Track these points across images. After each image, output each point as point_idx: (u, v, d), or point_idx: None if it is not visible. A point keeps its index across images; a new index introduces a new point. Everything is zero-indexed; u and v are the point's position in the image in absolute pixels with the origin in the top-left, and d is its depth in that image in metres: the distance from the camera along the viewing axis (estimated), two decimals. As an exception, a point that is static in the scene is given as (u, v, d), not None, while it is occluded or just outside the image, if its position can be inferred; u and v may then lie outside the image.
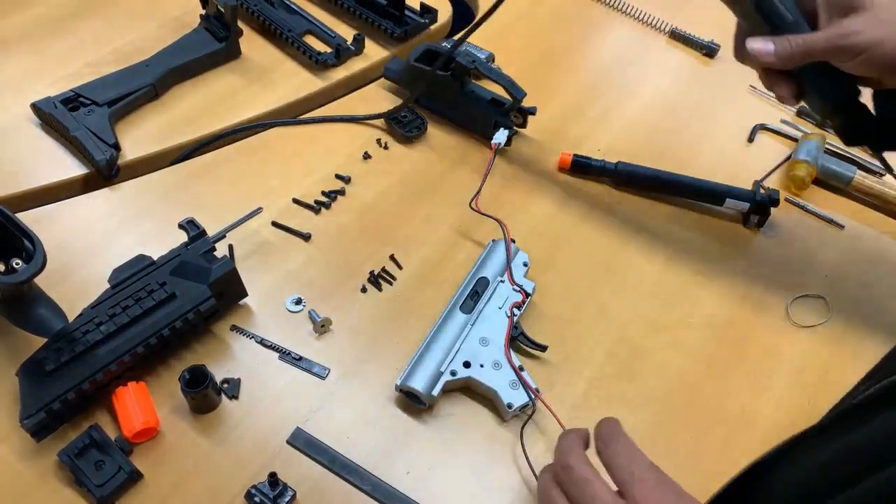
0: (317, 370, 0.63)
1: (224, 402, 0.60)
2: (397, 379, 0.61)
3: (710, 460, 0.61)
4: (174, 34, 0.90)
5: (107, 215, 0.73)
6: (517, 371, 0.62)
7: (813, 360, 0.69)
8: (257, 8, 0.94)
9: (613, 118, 0.92)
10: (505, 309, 0.66)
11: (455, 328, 0.64)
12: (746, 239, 0.80)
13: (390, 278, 0.71)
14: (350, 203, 0.77)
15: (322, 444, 0.58)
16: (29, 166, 0.76)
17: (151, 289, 0.60)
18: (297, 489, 0.55)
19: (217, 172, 0.78)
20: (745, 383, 0.67)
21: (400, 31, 0.95)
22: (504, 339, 0.64)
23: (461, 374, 0.61)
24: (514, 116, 0.84)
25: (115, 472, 0.53)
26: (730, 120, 0.95)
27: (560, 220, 0.79)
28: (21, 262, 0.54)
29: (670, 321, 0.71)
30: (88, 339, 0.57)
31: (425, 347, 0.63)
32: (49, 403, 0.54)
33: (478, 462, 0.59)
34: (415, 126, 0.84)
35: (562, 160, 0.83)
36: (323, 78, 0.91)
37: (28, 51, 0.88)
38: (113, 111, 0.79)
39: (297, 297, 0.68)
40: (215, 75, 0.89)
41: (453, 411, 0.62)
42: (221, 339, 0.64)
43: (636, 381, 0.66)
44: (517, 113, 0.83)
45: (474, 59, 0.81)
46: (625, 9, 1.09)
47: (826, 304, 0.74)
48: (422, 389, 0.59)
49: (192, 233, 0.64)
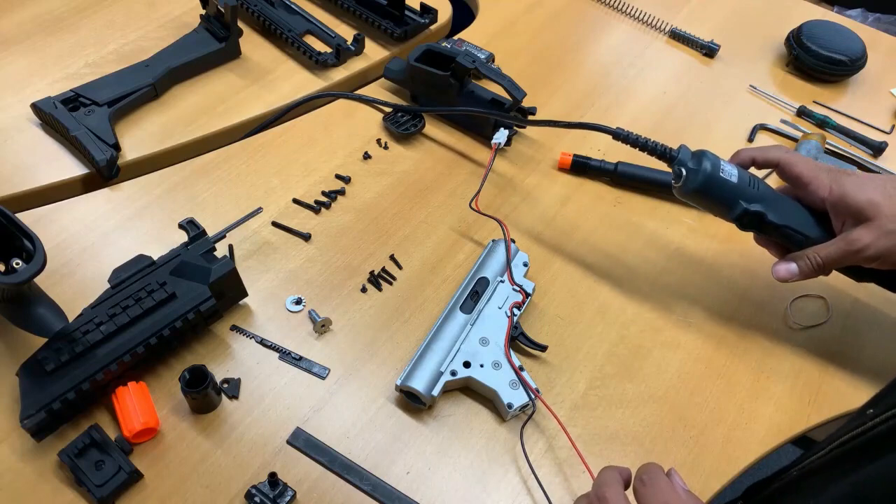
0: (317, 370, 0.63)
1: (224, 402, 0.60)
2: (397, 379, 0.61)
3: (710, 460, 0.61)
4: (174, 34, 0.90)
5: (107, 215, 0.73)
6: (517, 371, 0.62)
7: (812, 360, 0.69)
8: (257, 8, 0.94)
9: (613, 118, 0.92)
10: (505, 309, 0.66)
11: (455, 328, 0.64)
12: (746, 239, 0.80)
13: (390, 278, 0.71)
14: (350, 203, 0.77)
15: (322, 444, 0.58)
16: (29, 166, 0.76)
17: (151, 289, 0.60)
18: (297, 489, 0.55)
19: (217, 172, 0.78)
20: (745, 383, 0.67)
21: (400, 31, 0.95)
22: (504, 339, 0.64)
23: (461, 373, 0.61)
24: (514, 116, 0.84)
25: (115, 472, 0.53)
26: (730, 120, 0.95)
27: (560, 219, 0.79)
28: (21, 262, 0.54)
29: (670, 321, 0.71)
30: (88, 339, 0.57)
31: (425, 347, 0.63)
32: (49, 403, 0.54)
33: (478, 462, 0.59)
34: (412, 124, 0.84)
35: (562, 160, 0.83)
36: (323, 78, 0.91)
37: (28, 51, 0.88)
38: (113, 111, 0.79)
39: (297, 297, 0.68)
40: (215, 75, 0.89)
41: (453, 411, 0.62)
42: (221, 339, 0.64)
43: (636, 381, 0.66)
44: (517, 113, 0.83)
45: (474, 59, 0.81)
46: (625, 9, 1.09)
47: (826, 304, 0.74)
48: (422, 389, 0.59)
49: (192, 233, 0.64)
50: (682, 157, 0.63)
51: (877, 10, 1.98)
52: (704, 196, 0.62)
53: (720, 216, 0.64)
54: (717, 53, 1.03)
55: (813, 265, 0.62)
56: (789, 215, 0.63)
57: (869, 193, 0.60)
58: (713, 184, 0.61)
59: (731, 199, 0.62)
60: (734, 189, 0.62)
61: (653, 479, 0.49)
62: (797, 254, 0.64)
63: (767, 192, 0.63)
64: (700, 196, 0.63)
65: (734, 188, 0.61)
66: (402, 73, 0.87)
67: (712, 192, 0.62)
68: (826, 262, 0.62)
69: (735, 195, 0.62)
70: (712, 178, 0.61)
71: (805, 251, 0.63)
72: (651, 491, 0.48)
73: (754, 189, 0.62)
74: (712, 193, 0.62)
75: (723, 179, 0.61)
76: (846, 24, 1.06)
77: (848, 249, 0.60)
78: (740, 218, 0.63)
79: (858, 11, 1.98)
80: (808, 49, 0.99)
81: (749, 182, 0.62)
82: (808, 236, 0.63)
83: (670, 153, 0.64)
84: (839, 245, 0.61)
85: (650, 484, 0.48)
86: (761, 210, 0.62)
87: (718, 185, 0.61)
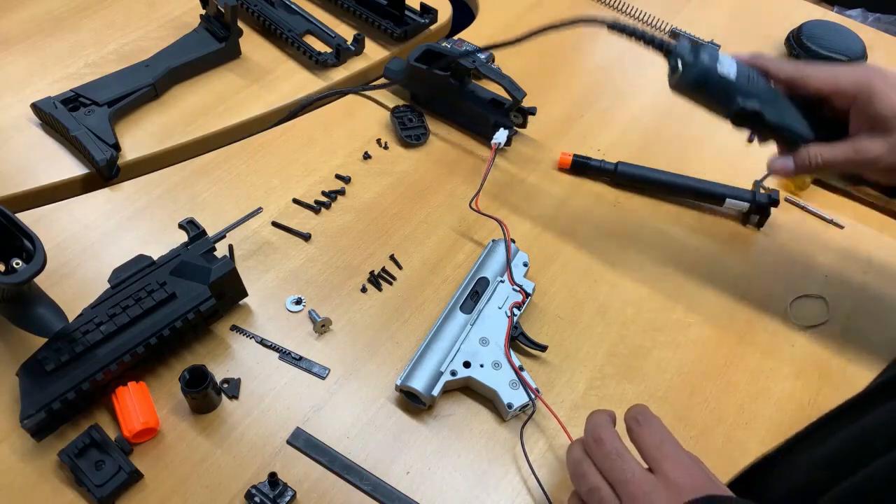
0: (317, 370, 0.63)
1: (224, 402, 0.60)
2: (397, 379, 0.61)
3: (710, 460, 0.61)
4: (174, 34, 0.90)
5: (107, 215, 0.73)
6: (517, 371, 0.62)
7: (813, 360, 0.69)
8: (257, 8, 0.94)
9: (613, 118, 0.92)
10: (505, 309, 0.66)
11: (455, 328, 0.64)
12: (746, 239, 0.80)
13: (390, 278, 0.71)
14: (350, 203, 0.77)
15: (322, 444, 0.58)
16: (29, 166, 0.76)
17: (151, 289, 0.60)
18: (297, 489, 0.55)
19: (217, 172, 0.78)
20: (745, 383, 0.67)
21: (400, 31, 0.95)
22: (504, 339, 0.64)
23: (461, 373, 0.61)
24: (514, 116, 0.84)
25: (115, 472, 0.53)
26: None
27: (560, 219, 0.79)
28: (21, 262, 0.54)
29: (670, 321, 0.71)
30: (88, 339, 0.57)
31: (425, 347, 0.63)
32: (49, 403, 0.54)
33: (478, 462, 0.59)
34: (416, 135, 0.84)
35: (562, 160, 0.83)
36: (323, 78, 0.91)
37: (28, 51, 0.88)
38: (113, 111, 0.79)
39: (297, 297, 0.68)
40: (215, 75, 0.89)
41: (453, 411, 0.62)
42: (221, 339, 0.64)
43: (636, 381, 0.66)
44: (517, 113, 0.83)
45: (474, 59, 0.81)
46: (625, 9, 1.09)
47: (826, 304, 0.74)
48: (422, 389, 0.59)
49: (192, 233, 0.64)
50: (679, 50, 0.60)
51: (877, 10, 1.98)
52: (699, 91, 0.60)
53: (715, 112, 0.61)
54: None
55: (812, 164, 0.58)
56: (789, 115, 0.61)
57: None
58: (708, 78, 0.59)
59: (726, 96, 0.59)
60: (730, 85, 0.59)
61: (647, 419, 0.51)
62: (798, 150, 0.60)
63: (766, 89, 0.61)
64: (694, 91, 0.60)
65: (730, 84, 0.59)
66: (402, 73, 0.88)
67: (707, 88, 0.59)
68: (827, 163, 0.58)
69: (732, 91, 0.59)
70: (708, 72, 0.58)
71: (808, 147, 0.59)
72: (648, 431, 0.50)
73: (753, 85, 0.60)
74: (707, 89, 0.59)
75: (719, 75, 0.59)
76: (846, 24, 1.06)
77: (855, 158, 0.56)
78: (737, 116, 0.60)
79: (858, 11, 1.98)
80: (808, 49, 0.99)
81: (748, 78, 0.60)
82: (805, 138, 0.60)
83: (668, 46, 0.61)
84: (846, 151, 0.57)
85: (645, 424, 0.50)
86: (758, 108, 0.59)
87: (714, 81, 0.59)
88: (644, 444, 0.49)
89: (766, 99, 0.60)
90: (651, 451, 0.48)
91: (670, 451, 0.48)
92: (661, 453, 0.48)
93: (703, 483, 0.47)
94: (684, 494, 0.45)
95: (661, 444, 0.49)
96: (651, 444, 0.49)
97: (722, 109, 0.61)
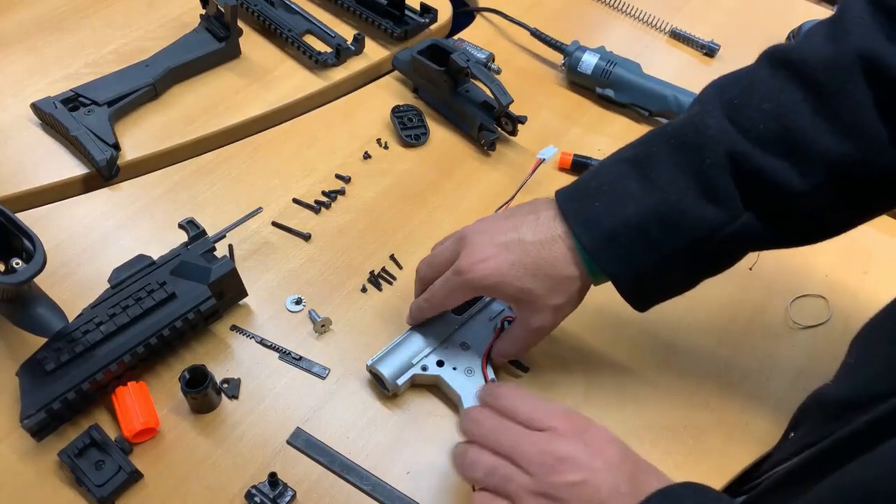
0: (317, 370, 0.63)
1: (224, 402, 0.60)
2: (368, 359, 0.61)
3: (710, 460, 0.61)
4: (174, 34, 0.90)
5: (107, 215, 0.73)
6: (487, 381, 0.61)
7: (813, 360, 0.69)
8: (257, 8, 0.94)
9: (613, 118, 0.92)
10: (496, 321, 0.65)
11: (441, 327, 0.64)
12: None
13: (390, 278, 0.71)
14: (350, 203, 0.77)
15: (322, 444, 0.58)
16: (29, 166, 0.76)
17: (151, 289, 0.60)
18: (297, 489, 0.55)
19: (217, 172, 0.78)
20: (745, 383, 0.67)
21: (400, 31, 0.95)
22: (486, 349, 0.63)
23: (431, 371, 0.61)
24: (505, 123, 0.83)
25: (115, 472, 0.53)
26: (730, 120, 0.94)
27: (560, 220, 0.79)
28: (21, 262, 0.54)
29: (669, 322, 0.71)
30: (88, 339, 0.57)
31: (406, 337, 0.63)
32: (49, 403, 0.54)
33: (478, 462, 0.59)
34: (416, 135, 0.84)
35: (562, 160, 0.83)
36: (323, 78, 0.91)
37: (28, 51, 0.88)
38: (113, 111, 0.79)
39: (297, 297, 0.68)
40: (215, 75, 0.89)
41: (454, 411, 0.62)
42: (221, 339, 0.64)
43: (636, 382, 0.65)
44: (507, 120, 0.83)
45: (468, 58, 0.81)
46: (625, 9, 1.09)
47: (826, 304, 0.74)
48: (388, 376, 0.59)
49: (192, 233, 0.64)
50: (569, 49, 0.92)
51: (877, 10, 1.97)
52: (576, 82, 0.94)
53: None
54: (718, 53, 1.03)
55: (501, 363, 0.62)
56: (634, 96, 0.89)
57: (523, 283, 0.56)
58: (575, 72, 0.92)
59: (590, 84, 0.91)
60: (589, 78, 0.91)
61: (499, 394, 0.49)
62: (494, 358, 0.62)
63: (616, 79, 0.89)
64: (575, 81, 0.94)
65: (588, 77, 0.91)
66: (408, 63, 0.88)
67: (576, 79, 0.93)
68: (431, 303, 0.60)
69: (591, 82, 0.91)
70: (573, 69, 0.91)
71: (494, 355, 0.62)
72: (511, 401, 0.48)
73: (605, 78, 0.89)
74: (576, 80, 0.93)
75: (579, 71, 0.91)
76: (846, 23, 1.06)
77: (535, 339, 0.60)
78: (600, 97, 0.91)
79: (858, 11, 1.97)
80: (808, 49, 0.99)
81: (602, 73, 0.89)
82: (650, 111, 0.88)
83: (562, 46, 0.94)
84: (524, 338, 0.59)
85: (501, 398, 0.49)
86: (611, 94, 0.90)
87: (579, 74, 0.91)
88: (516, 411, 0.47)
89: (617, 85, 0.90)
90: (526, 415, 0.47)
91: (544, 406, 0.47)
92: (535, 412, 0.47)
93: (582, 424, 0.46)
94: (580, 434, 0.45)
95: (533, 405, 0.47)
96: (522, 409, 0.47)
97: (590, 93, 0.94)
